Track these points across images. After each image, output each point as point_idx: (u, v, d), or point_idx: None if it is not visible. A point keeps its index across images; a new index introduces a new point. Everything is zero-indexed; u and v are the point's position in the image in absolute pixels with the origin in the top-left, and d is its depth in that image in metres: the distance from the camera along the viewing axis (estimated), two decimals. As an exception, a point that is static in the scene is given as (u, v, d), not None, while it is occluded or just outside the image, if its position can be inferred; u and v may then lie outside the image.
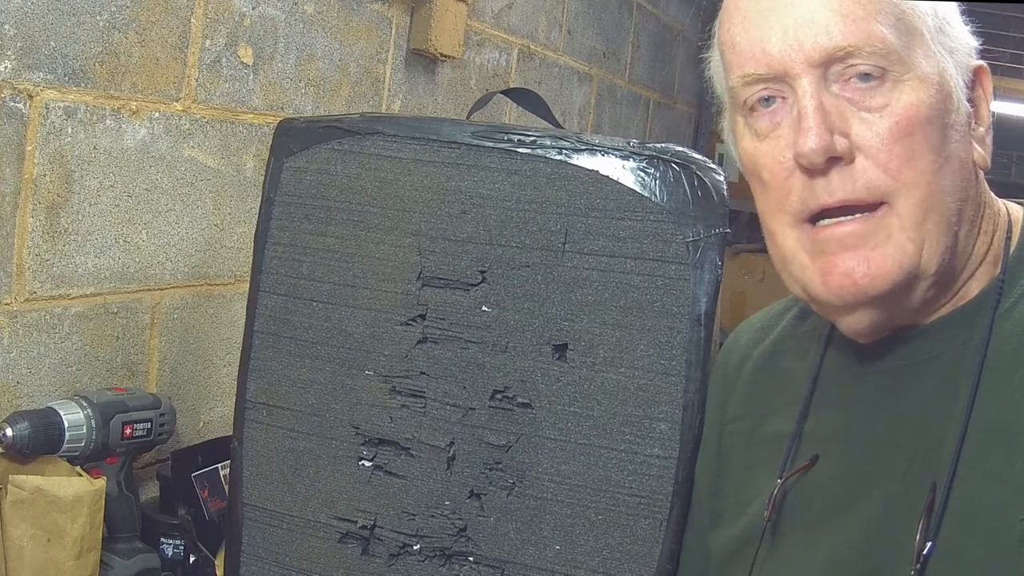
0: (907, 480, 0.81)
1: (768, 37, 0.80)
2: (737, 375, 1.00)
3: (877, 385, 0.86)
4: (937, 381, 0.82)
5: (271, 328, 1.14)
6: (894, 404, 0.84)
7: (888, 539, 0.80)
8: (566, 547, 1.03)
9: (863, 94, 0.78)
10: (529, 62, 2.60)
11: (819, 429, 0.90)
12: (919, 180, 0.77)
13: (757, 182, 0.85)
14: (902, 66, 0.78)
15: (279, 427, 1.13)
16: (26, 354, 1.34)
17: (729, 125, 0.90)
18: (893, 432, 0.83)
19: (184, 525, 1.44)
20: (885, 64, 0.77)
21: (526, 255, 1.05)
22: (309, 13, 1.77)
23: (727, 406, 1.00)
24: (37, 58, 1.29)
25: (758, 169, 0.83)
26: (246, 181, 1.67)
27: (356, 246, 1.11)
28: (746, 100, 0.83)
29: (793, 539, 0.88)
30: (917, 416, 0.82)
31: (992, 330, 0.80)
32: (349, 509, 1.10)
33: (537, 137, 1.06)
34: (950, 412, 0.79)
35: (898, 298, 0.80)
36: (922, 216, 0.78)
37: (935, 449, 0.79)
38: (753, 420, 0.97)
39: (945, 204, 0.79)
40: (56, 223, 1.36)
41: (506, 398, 1.05)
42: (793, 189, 0.80)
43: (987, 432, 0.77)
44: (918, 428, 0.82)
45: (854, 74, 0.78)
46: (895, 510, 0.80)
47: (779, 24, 0.79)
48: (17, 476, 1.19)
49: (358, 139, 1.13)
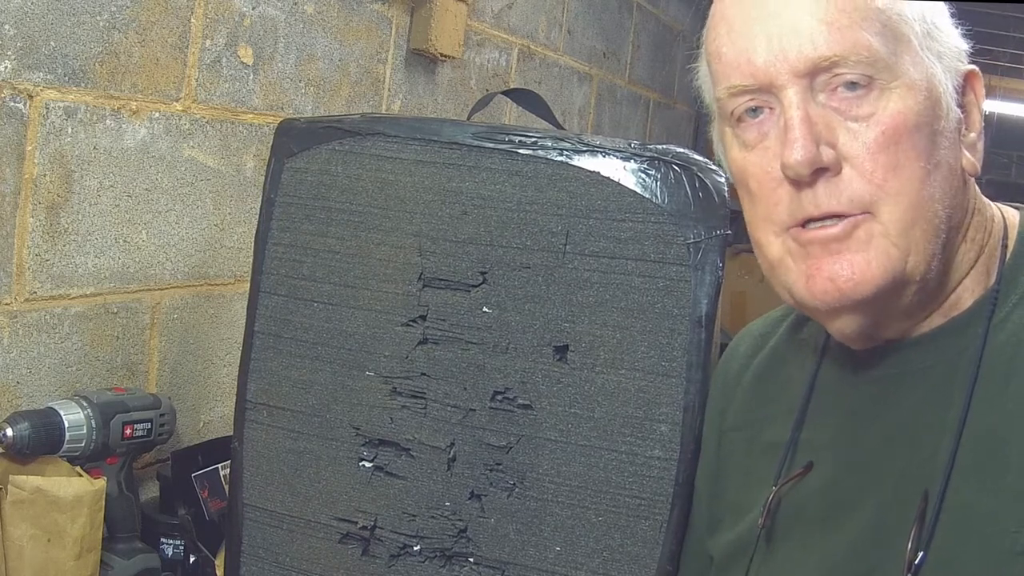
0: (900, 488, 0.81)
1: (753, 47, 0.79)
2: (736, 384, 1.00)
3: (871, 394, 0.86)
4: (930, 391, 0.82)
5: (272, 328, 1.14)
6: (887, 413, 0.84)
7: (880, 547, 0.80)
8: (566, 548, 1.03)
9: (850, 103, 0.77)
10: (529, 62, 2.60)
11: (814, 437, 0.90)
12: (905, 188, 0.77)
13: (745, 192, 0.85)
14: (889, 73, 0.77)
15: (279, 427, 1.13)
16: (26, 354, 1.34)
17: (718, 135, 0.90)
18: (886, 441, 0.83)
19: (184, 525, 1.44)
20: (872, 72, 0.77)
21: (527, 256, 1.05)
22: (309, 13, 1.77)
23: (726, 414, 1.00)
24: (37, 58, 1.29)
25: (746, 179, 0.83)
26: (246, 181, 1.67)
27: (357, 247, 1.11)
28: (733, 111, 0.82)
29: (787, 546, 0.88)
30: (910, 425, 0.82)
31: (987, 340, 0.80)
32: (349, 510, 1.10)
33: (538, 138, 1.06)
34: (943, 422, 0.79)
35: (884, 303, 0.80)
36: (909, 223, 0.77)
37: (928, 458, 0.79)
38: (752, 428, 0.97)
39: (933, 211, 0.78)
40: (56, 223, 1.36)
41: (507, 399, 1.05)
42: (780, 200, 0.80)
43: (980, 442, 0.77)
44: (912, 437, 0.82)
45: (840, 83, 0.77)
46: (888, 518, 0.80)
47: (764, 33, 0.78)
48: (17, 476, 1.19)
49: (359, 140, 1.13)
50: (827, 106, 0.78)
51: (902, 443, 0.82)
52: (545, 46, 2.67)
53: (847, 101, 0.77)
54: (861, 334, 0.83)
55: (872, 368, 0.87)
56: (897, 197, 0.77)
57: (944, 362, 0.82)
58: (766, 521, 0.88)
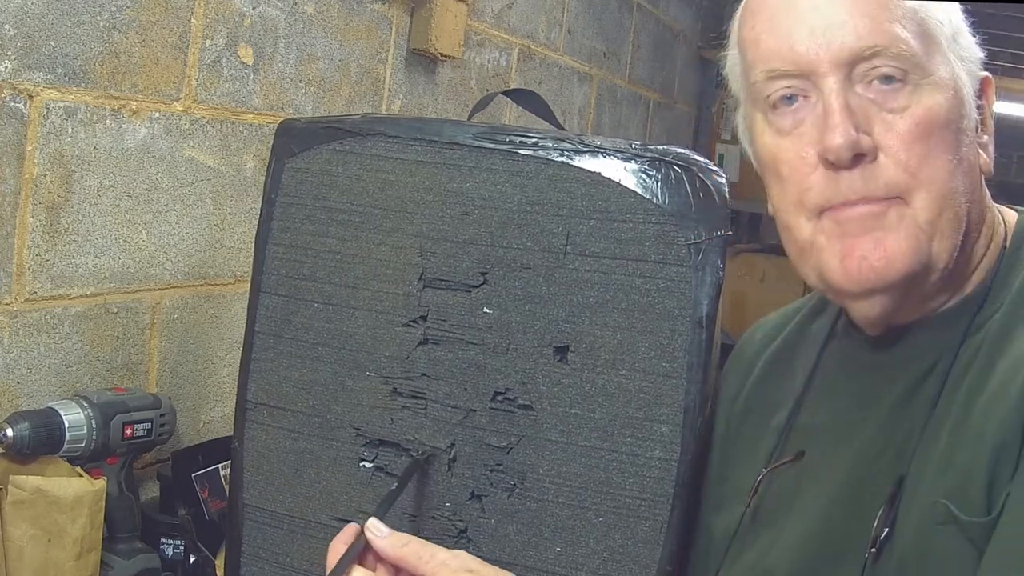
0: (875, 471, 0.84)
1: (795, 35, 0.82)
2: (749, 371, 1.04)
3: (860, 382, 0.90)
4: (912, 381, 0.85)
5: (272, 329, 1.14)
6: (875, 400, 0.88)
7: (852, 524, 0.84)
8: (567, 549, 1.03)
9: (885, 95, 0.81)
10: (529, 62, 2.60)
11: (810, 423, 0.94)
12: (936, 178, 0.80)
13: (774, 177, 0.87)
14: (921, 71, 0.81)
15: (280, 428, 1.13)
16: (26, 354, 1.34)
17: (745, 122, 0.93)
18: (872, 426, 0.87)
19: (184, 525, 1.44)
20: (907, 67, 0.80)
21: (528, 257, 1.05)
22: (309, 13, 1.77)
23: (737, 400, 1.03)
24: (37, 58, 1.29)
25: (777, 164, 0.86)
26: (246, 181, 1.67)
27: (357, 247, 1.11)
28: (768, 96, 0.85)
29: (770, 527, 0.92)
30: (894, 412, 0.86)
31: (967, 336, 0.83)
32: (350, 510, 1.10)
33: (539, 139, 1.06)
34: (921, 410, 0.83)
35: (909, 288, 0.83)
36: (937, 212, 0.81)
37: (903, 443, 0.83)
38: (761, 413, 1.00)
39: (958, 203, 0.82)
40: (56, 223, 1.36)
41: (507, 400, 1.05)
42: (814, 185, 0.83)
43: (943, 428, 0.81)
44: (893, 423, 0.85)
45: (877, 76, 0.81)
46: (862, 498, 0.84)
47: (806, 24, 0.81)
48: (17, 476, 1.19)
49: (359, 140, 1.12)
50: (864, 97, 0.81)
51: (885, 428, 0.86)
52: (545, 46, 2.67)
53: (883, 93, 0.81)
54: (883, 318, 0.86)
55: (870, 355, 0.90)
56: (929, 186, 0.80)
57: (929, 353, 0.85)
58: (751, 500, 0.93)
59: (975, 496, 0.75)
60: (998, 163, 0.89)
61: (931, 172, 0.80)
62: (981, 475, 0.75)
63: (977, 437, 0.77)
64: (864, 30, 0.80)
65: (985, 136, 0.87)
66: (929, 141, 0.80)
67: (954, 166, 0.81)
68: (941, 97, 0.81)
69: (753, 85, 0.86)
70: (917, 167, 0.80)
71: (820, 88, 0.81)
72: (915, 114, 0.80)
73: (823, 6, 0.81)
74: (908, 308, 0.86)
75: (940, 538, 0.76)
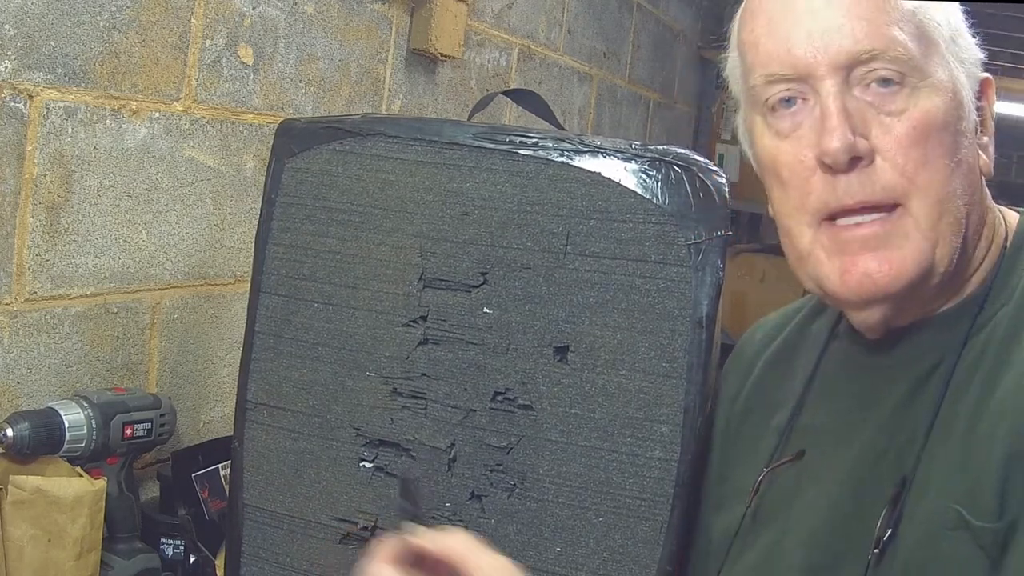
0: (878, 472, 0.84)
1: (793, 39, 0.82)
2: (750, 371, 1.03)
3: (861, 383, 0.90)
4: (914, 381, 0.85)
5: (272, 329, 1.14)
6: (877, 400, 0.88)
7: (852, 526, 0.84)
8: (567, 549, 1.03)
9: (883, 98, 0.80)
10: (529, 62, 2.60)
11: (811, 423, 0.94)
12: (933, 182, 0.80)
13: (775, 180, 0.87)
14: (919, 73, 0.80)
15: (280, 428, 1.13)
16: (26, 354, 1.34)
17: (745, 124, 0.92)
18: (873, 426, 0.87)
19: (184, 525, 1.44)
20: (905, 70, 0.80)
21: (528, 257, 1.05)
22: (309, 13, 1.77)
23: (737, 400, 1.03)
24: (37, 58, 1.29)
25: (778, 167, 0.85)
26: (246, 181, 1.67)
27: (357, 247, 1.11)
28: (767, 99, 0.85)
29: (771, 527, 0.92)
30: (896, 412, 0.85)
31: (969, 336, 0.83)
32: (350, 510, 1.10)
33: (539, 139, 1.06)
34: (924, 411, 0.83)
35: (911, 294, 0.83)
36: (937, 217, 0.80)
37: (906, 444, 0.83)
38: (761, 413, 1.00)
39: (956, 207, 0.81)
40: (56, 223, 1.36)
41: (507, 400, 1.05)
42: (813, 189, 0.83)
43: (948, 429, 0.80)
44: (896, 424, 0.85)
45: (875, 79, 0.80)
46: (865, 499, 0.84)
47: (804, 28, 0.81)
48: (17, 476, 1.19)
49: (359, 140, 1.12)
50: (861, 100, 0.81)
51: (887, 429, 0.85)
52: (545, 46, 2.67)
53: (880, 96, 0.80)
54: (882, 323, 0.86)
55: (870, 356, 0.90)
56: (926, 190, 0.80)
57: (930, 354, 0.85)
58: (752, 500, 0.92)
59: (987, 501, 0.75)
60: (998, 163, 0.89)
61: (928, 176, 0.80)
62: (993, 480, 0.75)
63: (989, 441, 0.76)
64: (861, 33, 0.80)
65: (985, 137, 0.87)
66: (927, 144, 0.80)
67: (952, 169, 0.81)
68: (939, 99, 0.81)
69: (752, 88, 0.86)
70: (914, 171, 0.80)
71: (818, 91, 0.81)
72: (913, 117, 0.80)
73: (821, 9, 0.81)
74: (908, 311, 0.86)
75: (949, 543, 0.76)
